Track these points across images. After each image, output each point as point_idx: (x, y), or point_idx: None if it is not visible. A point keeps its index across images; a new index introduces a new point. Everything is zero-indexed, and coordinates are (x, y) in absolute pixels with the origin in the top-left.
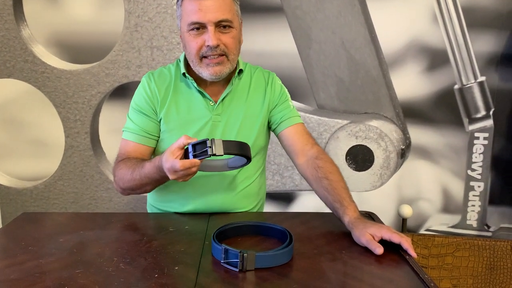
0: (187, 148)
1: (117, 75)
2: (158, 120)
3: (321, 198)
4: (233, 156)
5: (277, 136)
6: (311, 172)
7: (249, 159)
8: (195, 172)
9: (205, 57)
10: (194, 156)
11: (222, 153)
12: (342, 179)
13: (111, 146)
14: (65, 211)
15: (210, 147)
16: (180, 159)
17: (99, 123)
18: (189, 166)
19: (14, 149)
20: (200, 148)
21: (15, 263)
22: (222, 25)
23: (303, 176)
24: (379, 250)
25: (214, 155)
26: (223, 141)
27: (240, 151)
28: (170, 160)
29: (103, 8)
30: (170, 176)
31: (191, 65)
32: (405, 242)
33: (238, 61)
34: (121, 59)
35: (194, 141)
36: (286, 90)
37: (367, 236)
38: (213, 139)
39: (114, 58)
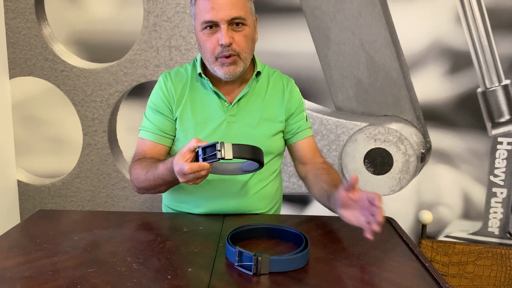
0: (198, 151)
1: (135, 74)
2: (174, 119)
3: (317, 194)
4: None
5: (288, 144)
6: (313, 173)
7: (261, 164)
8: (205, 176)
9: (219, 57)
10: (204, 160)
11: (231, 157)
12: (341, 180)
13: (128, 145)
14: (82, 208)
15: (219, 150)
16: (191, 161)
17: (117, 122)
18: (198, 169)
19: (33, 146)
20: (210, 151)
21: (30, 260)
22: (235, 23)
23: (302, 178)
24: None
25: (223, 158)
26: (233, 144)
27: (252, 155)
28: (180, 163)
29: (123, 7)
30: (180, 179)
31: (206, 64)
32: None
33: (256, 62)
34: (140, 58)
35: (204, 144)
36: (303, 98)
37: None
38: (223, 142)
39: (132, 58)
